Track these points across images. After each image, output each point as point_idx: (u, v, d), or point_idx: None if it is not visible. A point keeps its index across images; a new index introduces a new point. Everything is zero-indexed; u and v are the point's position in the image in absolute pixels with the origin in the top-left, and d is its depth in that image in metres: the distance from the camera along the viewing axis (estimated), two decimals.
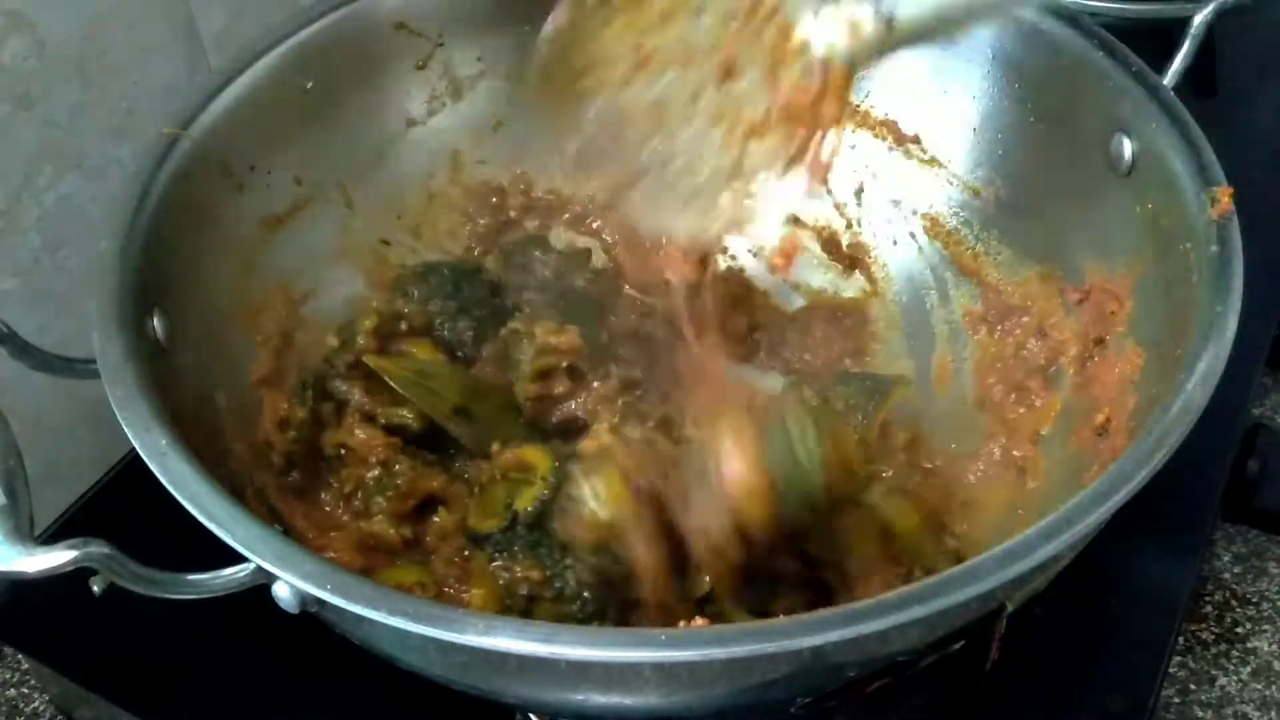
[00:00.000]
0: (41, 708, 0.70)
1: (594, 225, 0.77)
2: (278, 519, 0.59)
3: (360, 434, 0.63)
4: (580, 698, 0.46)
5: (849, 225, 0.76)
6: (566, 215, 0.77)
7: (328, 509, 0.63)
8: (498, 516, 0.60)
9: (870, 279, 0.75)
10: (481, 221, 0.76)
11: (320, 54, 0.67)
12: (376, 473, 0.63)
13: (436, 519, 0.63)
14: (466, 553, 0.61)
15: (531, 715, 0.58)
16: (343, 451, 0.64)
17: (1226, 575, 0.75)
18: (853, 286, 0.75)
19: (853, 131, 0.76)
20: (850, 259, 0.76)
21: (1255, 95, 0.88)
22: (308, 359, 0.66)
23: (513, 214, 0.77)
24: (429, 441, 0.65)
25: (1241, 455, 0.72)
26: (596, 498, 0.56)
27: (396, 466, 0.63)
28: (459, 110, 0.74)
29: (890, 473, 0.65)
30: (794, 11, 0.51)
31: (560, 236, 0.77)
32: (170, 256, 0.57)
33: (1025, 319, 0.67)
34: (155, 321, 0.54)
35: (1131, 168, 0.60)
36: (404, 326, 0.68)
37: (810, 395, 0.64)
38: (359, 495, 0.63)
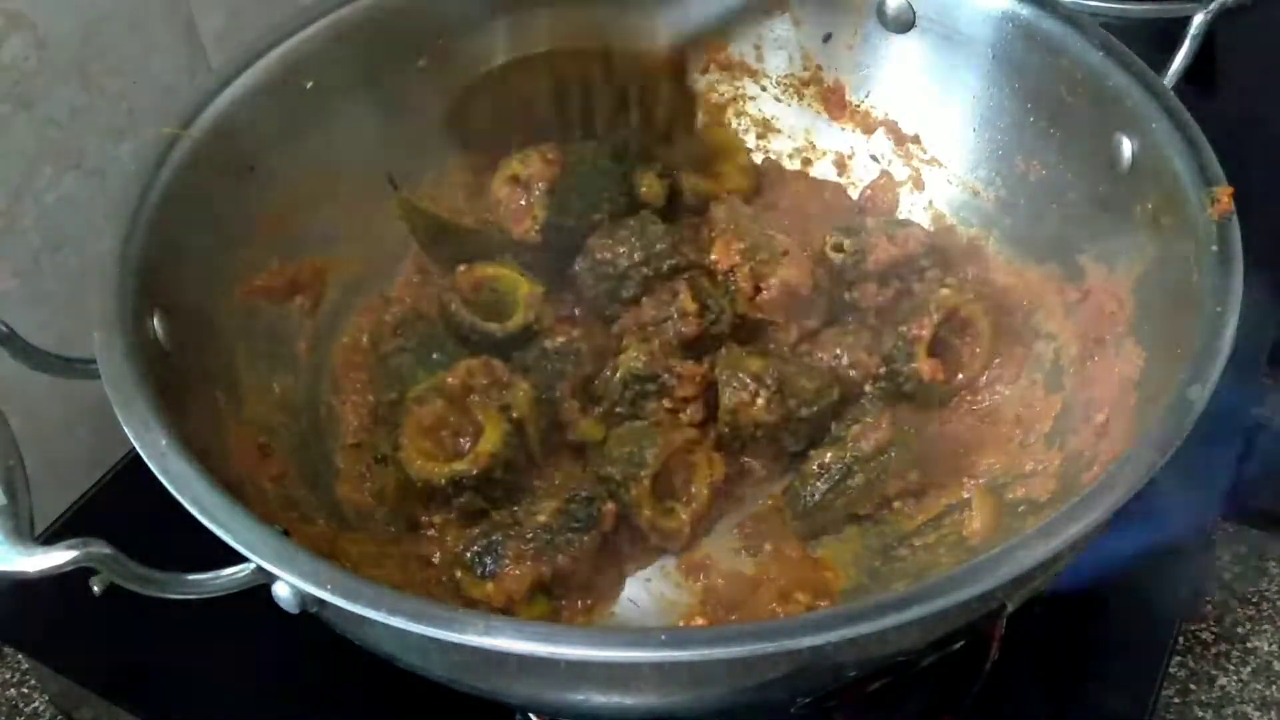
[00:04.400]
0: (41, 708, 0.70)
1: None
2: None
3: None
4: (580, 698, 0.46)
5: None
6: None
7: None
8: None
9: None
10: None
11: (320, 54, 0.66)
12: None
13: None
14: None
15: (531, 715, 0.58)
16: None
17: (1226, 575, 0.75)
18: None
19: (853, 132, 0.76)
20: None
21: (1255, 95, 0.88)
22: None
23: None
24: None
25: (1241, 455, 0.72)
26: None
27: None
28: None
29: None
30: None
31: None
32: (170, 256, 0.57)
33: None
34: (155, 321, 0.54)
35: (1131, 168, 0.60)
36: None
37: None
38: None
